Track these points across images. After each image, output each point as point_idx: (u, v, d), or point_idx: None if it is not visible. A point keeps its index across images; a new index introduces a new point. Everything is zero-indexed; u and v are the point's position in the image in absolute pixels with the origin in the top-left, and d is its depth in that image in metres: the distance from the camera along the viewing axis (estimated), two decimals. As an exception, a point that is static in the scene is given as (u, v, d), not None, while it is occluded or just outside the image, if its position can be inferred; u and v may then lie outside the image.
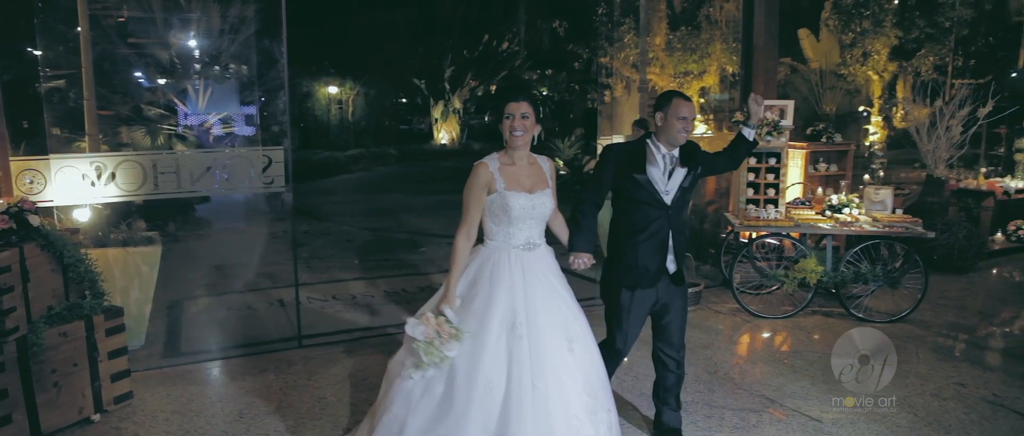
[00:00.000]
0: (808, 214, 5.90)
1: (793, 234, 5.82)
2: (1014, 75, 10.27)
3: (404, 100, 24.63)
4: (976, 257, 7.21)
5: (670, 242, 3.31)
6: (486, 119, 23.81)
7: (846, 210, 5.72)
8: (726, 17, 10.38)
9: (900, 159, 10.34)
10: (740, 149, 3.66)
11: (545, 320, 2.88)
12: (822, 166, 7.17)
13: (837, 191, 6.22)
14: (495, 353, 2.81)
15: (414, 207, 11.87)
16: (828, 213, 5.76)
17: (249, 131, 13.83)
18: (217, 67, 11.72)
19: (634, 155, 3.29)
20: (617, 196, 3.37)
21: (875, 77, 11.14)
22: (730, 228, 6.35)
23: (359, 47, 20.38)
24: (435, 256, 7.92)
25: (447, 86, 21.00)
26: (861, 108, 10.88)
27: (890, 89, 11.13)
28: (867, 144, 10.37)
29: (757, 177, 6.23)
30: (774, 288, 5.84)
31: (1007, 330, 5.62)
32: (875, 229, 5.51)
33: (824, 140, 7.24)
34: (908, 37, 10.56)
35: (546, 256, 3.05)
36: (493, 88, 22.00)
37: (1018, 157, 8.77)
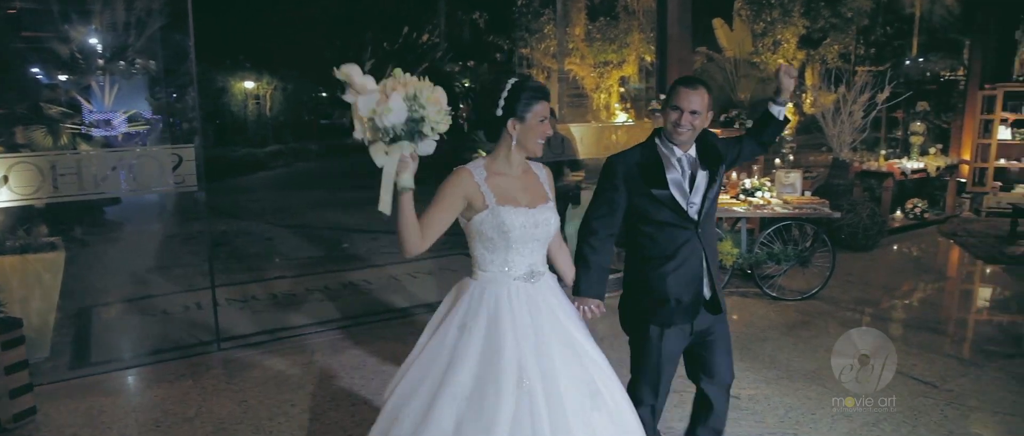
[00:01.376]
0: (723, 198, 6.10)
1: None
2: (908, 63, 10.86)
3: (324, 94, 24.10)
4: (878, 235, 7.61)
5: (705, 265, 2.69)
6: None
7: (759, 193, 5.96)
8: (643, 7, 10.58)
9: (809, 143, 10.80)
10: (769, 129, 2.91)
11: (562, 371, 2.25)
12: (735, 151, 7.42)
13: (750, 175, 6.45)
14: (500, 421, 2.14)
15: (337, 203, 11.65)
16: (742, 197, 5.98)
17: (158, 129, 13.26)
18: (123, 62, 11.18)
19: (649, 165, 2.64)
20: (633, 217, 2.70)
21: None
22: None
23: (275, 40, 19.82)
24: (359, 252, 7.81)
25: (368, 79, 20.69)
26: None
27: (799, 77, 11.60)
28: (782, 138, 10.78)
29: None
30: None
31: (906, 302, 5.97)
32: (786, 211, 5.75)
33: (737, 126, 7.49)
34: (814, 27, 11.02)
35: (553, 287, 2.45)
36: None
37: (913, 139, 9.29)
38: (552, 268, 2.56)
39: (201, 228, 8.63)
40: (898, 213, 8.90)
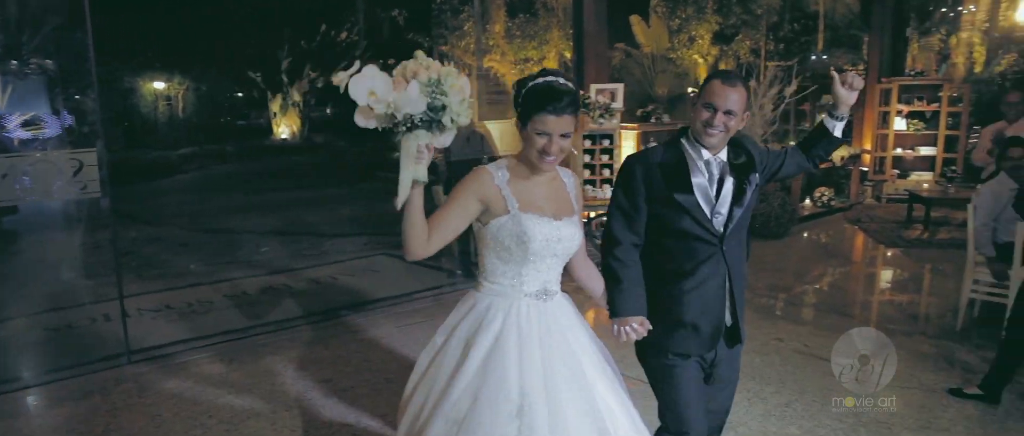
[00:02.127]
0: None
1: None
2: (813, 58, 11.36)
3: (240, 94, 23.39)
4: (789, 223, 7.94)
5: (727, 287, 2.35)
6: (328, 112, 23.12)
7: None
8: (561, 4, 10.69)
9: (723, 137, 11.14)
10: (822, 144, 2.52)
11: (569, 403, 2.04)
12: (653, 145, 7.61)
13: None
14: None
15: (255, 206, 11.33)
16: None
17: (57, 132, 12.56)
18: (15, 62, 10.53)
19: (672, 166, 2.30)
20: (650, 226, 2.36)
21: (700, 60, 11.91)
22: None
23: (187, 39, 19.08)
24: (279, 255, 7.61)
25: (285, 78, 20.17)
26: (690, 89, 11.62)
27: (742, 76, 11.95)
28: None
29: (593, 158, 6.52)
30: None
31: (816, 287, 6.25)
32: (701, 202, 5.93)
33: (653, 121, 7.67)
34: (727, 23, 11.39)
35: (567, 308, 2.22)
36: (334, 80, 21.40)
37: (821, 130, 9.72)
38: (565, 286, 2.28)
39: (108, 236, 8.26)
40: (807, 201, 9.30)
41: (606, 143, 6.55)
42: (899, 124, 10.11)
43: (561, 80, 2.06)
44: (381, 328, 5.10)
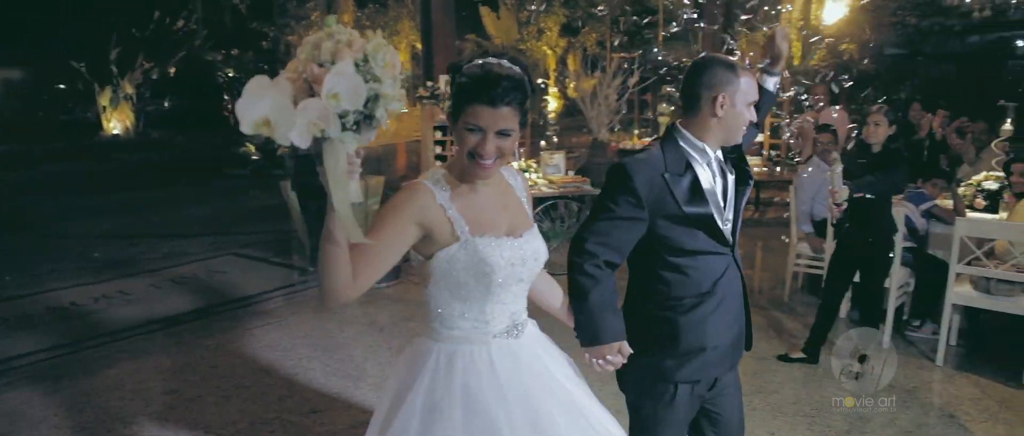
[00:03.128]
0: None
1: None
2: (655, 50, 12.00)
3: (63, 86, 21.32)
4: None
5: (744, 296, 2.15)
6: (165, 105, 21.61)
7: (525, 175, 6.29)
8: (411, -5, 10.64)
9: (573, 126, 11.57)
10: (763, 105, 2.30)
11: (570, 432, 1.74)
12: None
13: (517, 158, 6.77)
14: None
15: (84, 208, 10.40)
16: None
17: None
18: None
19: (681, 176, 1.98)
20: (653, 248, 2.01)
21: (549, 52, 12.25)
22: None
23: (-3, 25, 17.14)
24: (114, 260, 7.04)
25: (115, 69, 18.59)
26: (539, 80, 11.93)
27: (562, 63, 12.35)
28: (545, 113, 11.41)
29: (444, 150, 6.55)
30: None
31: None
32: (552, 191, 6.12)
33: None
34: (574, 16, 11.78)
35: (539, 337, 1.88)
36: (172, 71, 19.99)
37: (661, 120, 10.31)
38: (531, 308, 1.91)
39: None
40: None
41: (459, 134, 6.62)
42: (731, 112, 10.91)
43: (504, 62, 1.63)
44: (230, 332, 4.87)
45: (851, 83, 9.26)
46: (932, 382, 4.06)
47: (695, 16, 11.01)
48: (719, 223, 2.00)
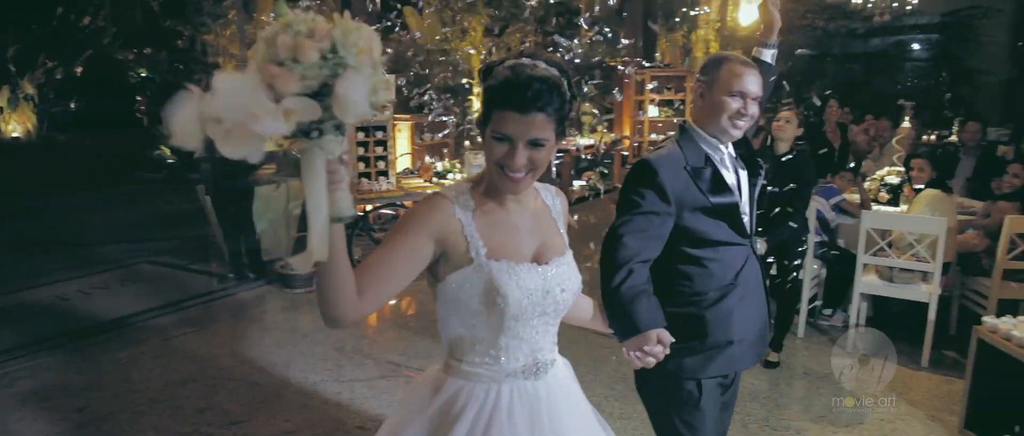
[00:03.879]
0: (417, 182, 6.33)
1: (406, 203, 6.19)
2: (579, 50, 12.14)
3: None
4: (561, 207, 8.47)
5: (764, 289, 2.16)
6: (72, 106, 20.50)
7: (450, 176, 6.26)
8: (331, -8, 10.43)
9: (498, 126, 11.56)
10: (765, 79, 2.19)
11: None
12: (428, 137, 7.72)
13: (441, 159, 6.76)
14: None
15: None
16: (435, 180, 6.24)
17: None
18: None
19: (702, 169, 2.00)
20: (675, 242, 2.01)
21: (474, 52, 12.23)
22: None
23: None
24: (16, 270, 6.63)
25: (13, 68, 17.51)
26: (464, 81, 11.91)
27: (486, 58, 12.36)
28: (470, 113, 11.40)
29: (367, 151, 6.47)
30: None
31: (587, 265, 6.71)
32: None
33: (427, 112, 7.77)
34: (498, 16, 11.80)
35: (566, 379, 1.68)
36: (78, 70, 19.00)
37: (585, 119, 10.47)
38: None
39: None
40: (576, 185, 9.97)
41: (380, 135, 6.55)
42: (652, 111, 11.17)
43: (540, 63, 1.44)
44: (144, 344, 4.66)
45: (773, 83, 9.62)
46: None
47: (620, 13, 11.20)
48: (742, 214, 2.04)
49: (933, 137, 8.22)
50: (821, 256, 4.84)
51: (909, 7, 10.51)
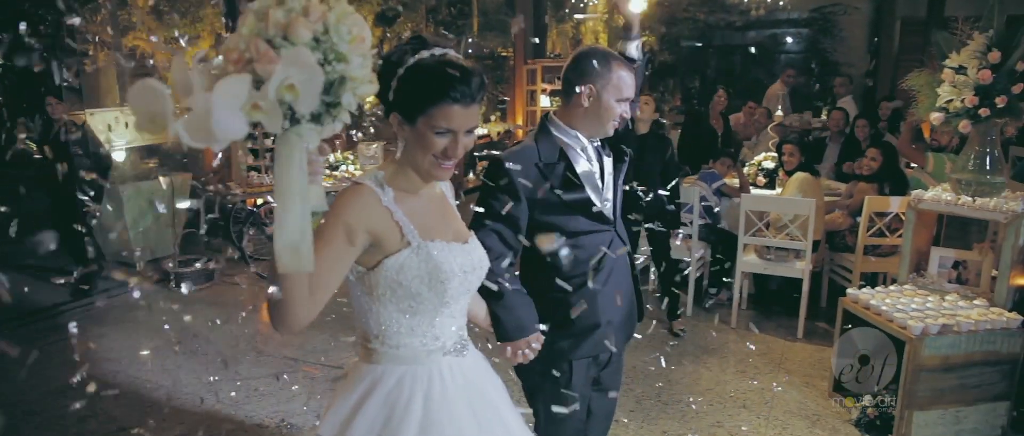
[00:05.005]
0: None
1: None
2: (470, 41, 12.18)
3: None
4: (454, 197, 8.49)
5: (632, 270, 2.25)
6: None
7: (342, 167, 6.16)
8: (212, -20, 10.00)
9: (391, 117, 11.43)
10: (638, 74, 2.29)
11: None
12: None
13: (333, 150, 6.62)
14: None
15: None
16: (327, 171, 6.11)
17: None
18: None
19: (554, 164, 2.05)
20: (534, 231, 2.05)
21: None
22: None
23: None
24: None
25: None
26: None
27: (379, 52, 12.18)
28: (361, 103, 11.24)
29: (255, 143, 6.27)
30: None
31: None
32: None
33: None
34: (388, 5, 11.62)
35: (479, 355, 1.73)
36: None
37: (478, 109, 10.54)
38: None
39: None
40: (471, 176, 10.01)
41: (271, 127, 6.38)
42: (544, 101, 11.34)
43: (449, 50, 1.46)
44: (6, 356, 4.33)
45: (650, 72, 9.99)
46: (728, 343, 4.52)
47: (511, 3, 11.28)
48: (598, 204, 2.08)
49: (810, 122, 8.60)
50: (705, 238, 5.11)
51: (781, 2, 11.16)
